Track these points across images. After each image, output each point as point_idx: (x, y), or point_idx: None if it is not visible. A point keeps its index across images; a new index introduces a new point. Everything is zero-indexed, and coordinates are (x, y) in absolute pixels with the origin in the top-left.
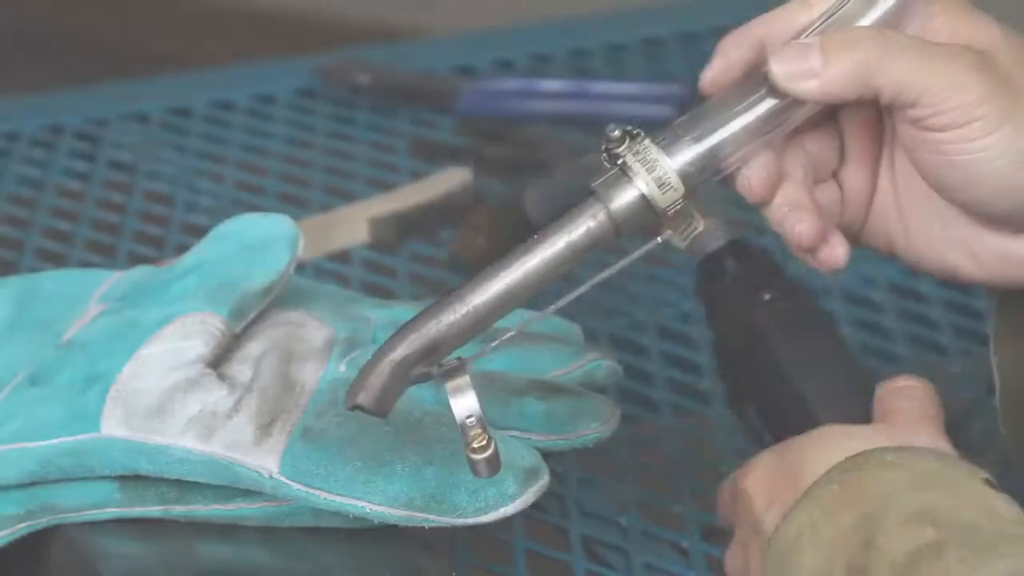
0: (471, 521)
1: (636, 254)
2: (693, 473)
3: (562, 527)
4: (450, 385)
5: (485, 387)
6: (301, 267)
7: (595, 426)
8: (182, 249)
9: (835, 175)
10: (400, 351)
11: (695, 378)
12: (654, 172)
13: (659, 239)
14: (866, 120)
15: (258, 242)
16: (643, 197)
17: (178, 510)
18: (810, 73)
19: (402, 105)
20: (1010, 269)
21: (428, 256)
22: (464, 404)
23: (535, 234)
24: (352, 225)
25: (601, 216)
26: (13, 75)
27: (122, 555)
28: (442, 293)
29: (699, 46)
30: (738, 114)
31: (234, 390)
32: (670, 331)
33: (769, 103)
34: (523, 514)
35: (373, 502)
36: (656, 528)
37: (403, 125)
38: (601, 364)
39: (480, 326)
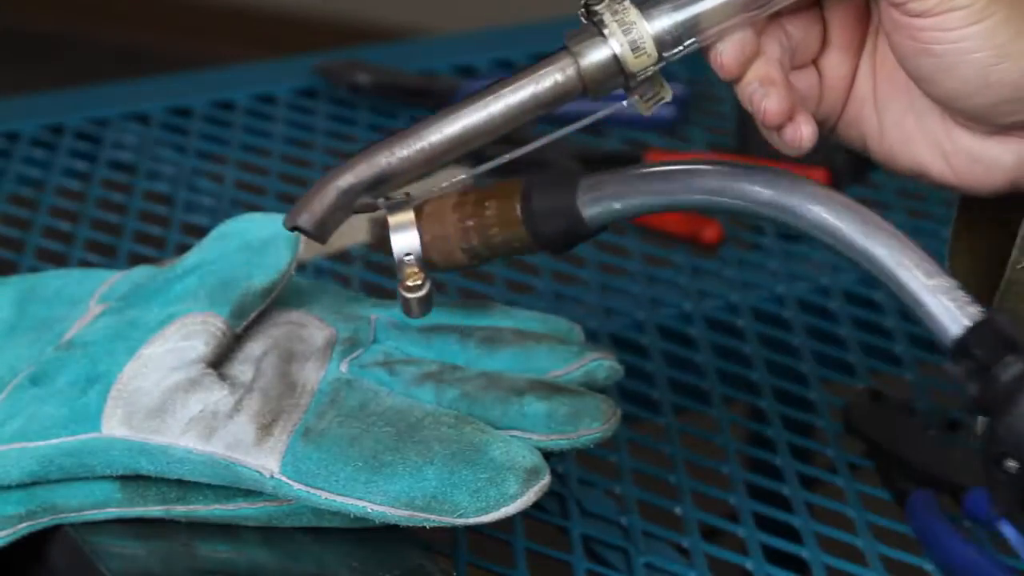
0: (472, 521)
1: (594, 116)
2: (693, 473)
3: (563, 527)
4: (392, 219)
5: (486, 387)
6: (301, 267)
7: (596, 426)
8: (182, 249)
9: (816, 62)
10: (348, 178)
11: (695, 378)
12: (629, 34)
13: (623, 103)
14: (851, 7)
15: (259, 242)
16: (615, 58)
17: (179, 510)
18: None
19: (402, 105)
20: (979, 172)
21: None
22: (404, 241)
23: (501, 78)
24: (352, 225)
25: (570, 71)
26: (13, 75)
27: (122, 555)
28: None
29: None
30: None
31: (235, 390)
32: (670, 331)
33: None
34: (524, 514)
35: (374, 502)
36: (657, 528)
37: (403, 125)
38: (602, 364)
39: (432, 163)
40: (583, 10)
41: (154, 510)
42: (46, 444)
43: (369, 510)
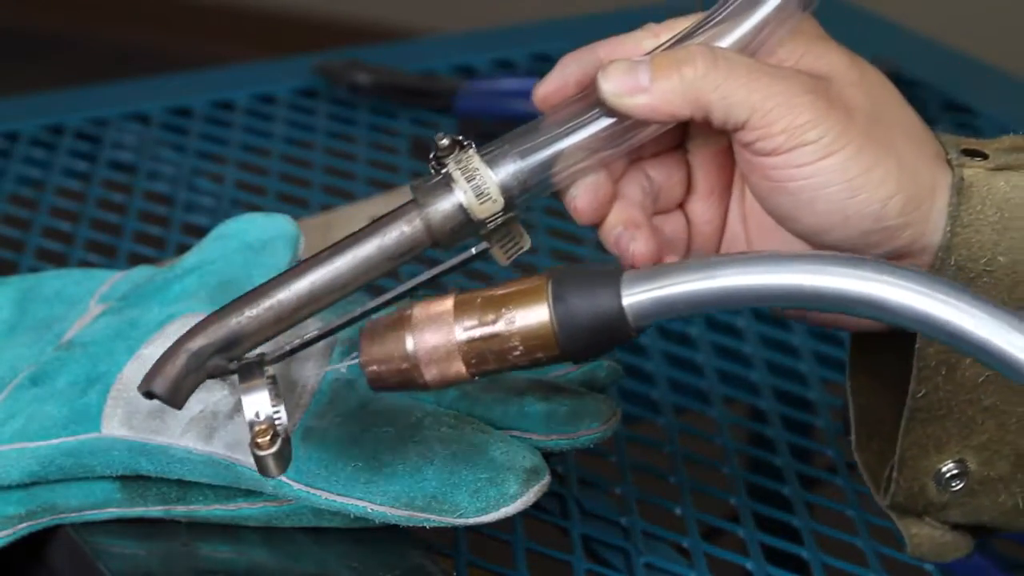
0: (472, 521)
1: (448, 263)
2: (693, 473)
3: (563, 527)
4: (242, 384)
5: (486, 387)
6: None
7: (596, 426)
8: (182, 249)
9: (683, 206)
10: (198, 340)
11: (695, 378)
12: (473, 181)
13: (472, 251)
14: (714, 151)
15: (259, 242)
16: (461, 207)
17: (179, 510)
18: (637, 88)
19: (402, 105)
20: None
21: (428, 256)
22: (254, 402)
23: (350, 234)
24: (352, 225)
25: (417, 222)
26: (13, 75)
27: (122, 555)
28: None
29: None
30: (568, 131)
31: (235, 390)
32: (670, 331)
33: (601, 122)
34: (524, 514)
35: (374, 502)
36: (657, 528)
37: (403, 125)
38: (602, 364)
39: (283, 323)
40: (432, 162)
41: (154, 510)
42: (46, 444)
43: (369, 510)
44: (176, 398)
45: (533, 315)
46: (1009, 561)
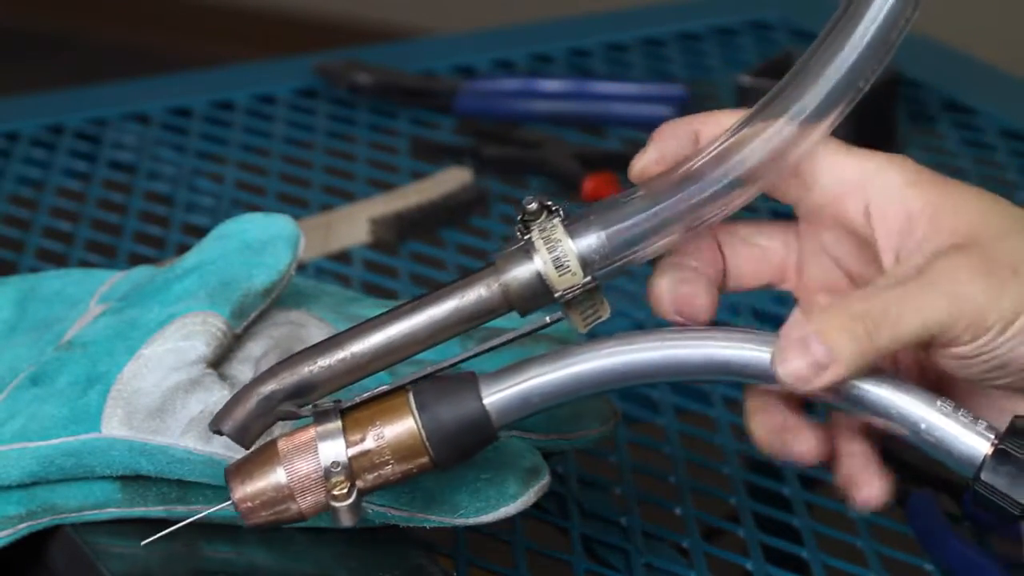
0: (472, 521)
1: (522, 329)
2: (693, 473)
3: (563, 527)
4: (318, 429)
5: None
6: (301, 267)
7: (596, 426)
8: (182, 249)
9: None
10: (270, 386)
11: None
12: (554, 252)
13: (547, 319)
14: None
15: (259, 242)
16: (539, 275)
17: (179, 510)
18: (820, 367)
19: (402, 105)
20: None
21: (428, 256)
22: (329, 449)
23: (426, 292)
24: (352, 225)
25: (494, 287)
26: (13, 75)
27: (122, 555)
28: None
29: (699, 46)
30: (657, 214)
31: (235, 390)
32: None
33: (689, 201)
34: (524, 514)
35: (374, 502)
36: (657, 528)
37: (403, 125)
38: None
39: (356, 374)
40: (519, 225)
41: (154, 510)
42: (46, 444)
43: (369, 510)
44: (244, 438)
45: (401, 427)
46: (1009, 561)
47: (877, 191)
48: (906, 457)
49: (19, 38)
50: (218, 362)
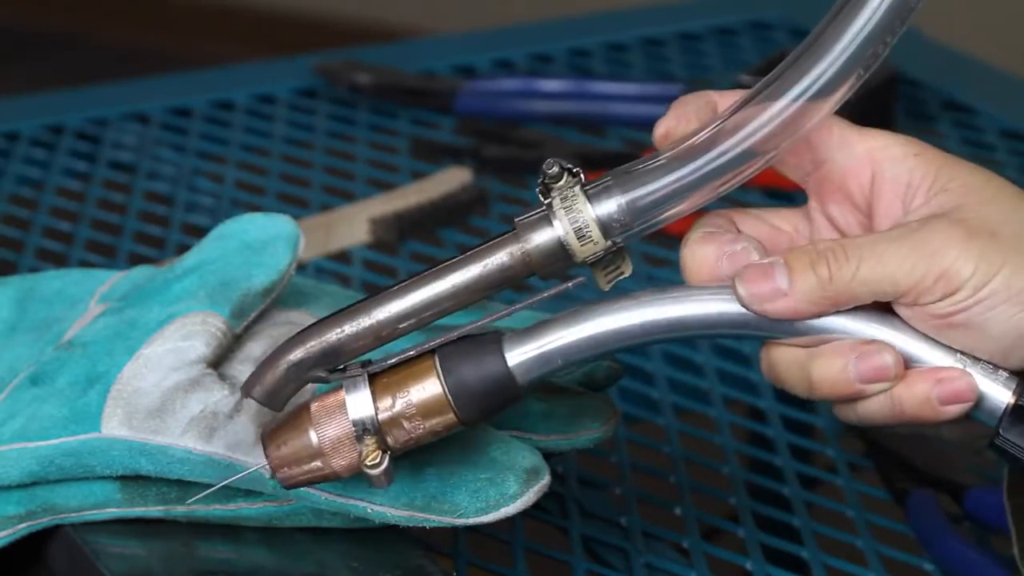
0: (472, 521)
1: (546, 293)
2: (693, 473)
3: (563, 527)
4: (349, 394)
5: None
6: (301, 267)
7: (596, 426)
8: (182, 249)
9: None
10: (298, 353)
11: (695, 378)
12: (576, 220)
13: (570, 284)
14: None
15: (259, 242)
16: (560, 243)
17: (179, 510)
18: (777, 293)
19: (402, 105)
20: None
21: (428, 256)
22: (360, 413)
23: (452, 257)
24: (352, 225)
25: (517, 253)
26: (13, 75)
27: (122, 555)
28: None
29: (699, 46)
30: (675, 179)
31: (235, 390)
32: None
33: (705, 169)
34: (524, 514)
35: (374, 502)
36: (657, 528)
37: (403, 125)
38: (602, 364)
39: (382, 340)
40: (540, 187)
41: (154, 510)
42: (46, 444)
43: (369, 510)
44: (275, 404)
45: (428, 390)
46: (1009, 561)
47: (883, 163)
48: (906, 457)
49: (19, 38)
50: (218, 362)
